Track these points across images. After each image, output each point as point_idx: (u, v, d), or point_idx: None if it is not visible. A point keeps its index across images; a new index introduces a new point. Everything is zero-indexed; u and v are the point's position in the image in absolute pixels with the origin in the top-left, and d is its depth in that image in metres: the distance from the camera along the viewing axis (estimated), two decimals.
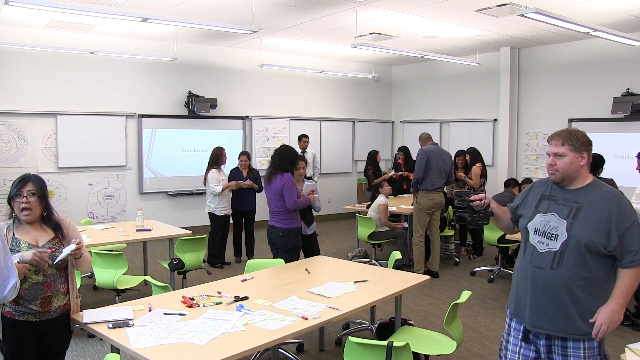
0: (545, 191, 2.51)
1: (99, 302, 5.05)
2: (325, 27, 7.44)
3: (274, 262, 4.28)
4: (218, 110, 9.06)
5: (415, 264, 6.38)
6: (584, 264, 2.30)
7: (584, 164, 2.40)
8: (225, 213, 6.81)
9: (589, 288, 2.32)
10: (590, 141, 2.45)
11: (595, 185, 2.41)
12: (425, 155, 6.16)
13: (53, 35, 7.63)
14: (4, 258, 2.21)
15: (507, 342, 2.57)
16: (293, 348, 4.20)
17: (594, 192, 2.37)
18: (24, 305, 2.63)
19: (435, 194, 6.24)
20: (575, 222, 2.33)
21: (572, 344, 2.36)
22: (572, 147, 2.38)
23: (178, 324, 2.78)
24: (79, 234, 2.87)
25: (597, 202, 2.34)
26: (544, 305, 2.38)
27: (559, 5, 5.97)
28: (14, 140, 7.52)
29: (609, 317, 2.29)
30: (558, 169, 2.40)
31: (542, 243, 2.41)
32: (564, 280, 2.33)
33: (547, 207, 2.45)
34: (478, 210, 2.64)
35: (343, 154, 10.92)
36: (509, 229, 2.75)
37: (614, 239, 2.27)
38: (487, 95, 9.63)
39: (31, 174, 2.73)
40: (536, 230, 2.44)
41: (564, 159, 2.38)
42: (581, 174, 2.40)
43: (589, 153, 2.42)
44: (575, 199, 2.39)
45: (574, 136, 2.40)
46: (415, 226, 6.39)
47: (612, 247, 2.27)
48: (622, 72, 7.84)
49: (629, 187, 5.61)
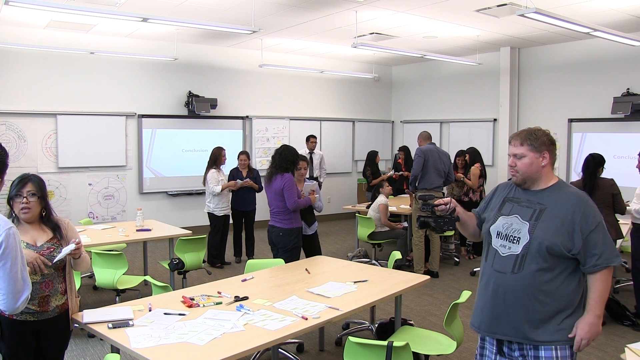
0: (509, 193, 2.42)
1: (99, 302, 5.05)
2: (325, 27, 7.44)
3: (274, 262, 4.28)
4: (218, 110, 9.06)
5: (415, 264, 6.38)
6: (546, 268, 2.21)
7: (546, 164, 2.30)
8: (225, 213, 6.80)
9: (551, 292, 2.23)
10: (553, 140, 2.34)
11: (560, 186, 2.32)
12: (423, 153, 6.19)
13: (53, 35, 7.63)
14: (21, 269, 2.19)
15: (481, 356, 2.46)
16: (293, 348, 4.20)
17: (558, 193, 2.29)
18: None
19: (434, 194, 6.24)
20: (538, 224, 2.24)
21: (544, 352, 2.24)
22: (531, 147, 2.28)
23: (178, 324, 2.78)
24: (78, 235, 2.87)
25: (560, 203, 2.25)
26: (505, 311, 2.28)
27: (559, 5, 5.97)
28: (14, 140, 7.53)
29: (587, 331, 2.20)
30: (518, 170, 2.31)
31: (504, 247, 2.32)
32: (526, 285, 2.24)
33: (510, 209, 2.36)
34: (443, 216, 2.51)
35: (343, 154, 10.92)
36: (475, 235, 2.63)
37: (578, 241, 2.18)
38: (487, 95, 9.63)
39: (30, 174, 2.73)
40: (498, 234, 2.35)
41: (523, 160, 2.29)
42: (543, 174, 2.31)
43: (550, 153, 2.31)
44: (538, 201, 2.30)
45: (534, 136, 2.30)
46: (414, 226, 6.38)
47: (576, 250, 2.18)
48: (622, 72, 7.84)
49: (629, 187, 5.61)
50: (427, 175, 6.20)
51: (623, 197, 4.88)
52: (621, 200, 4.80)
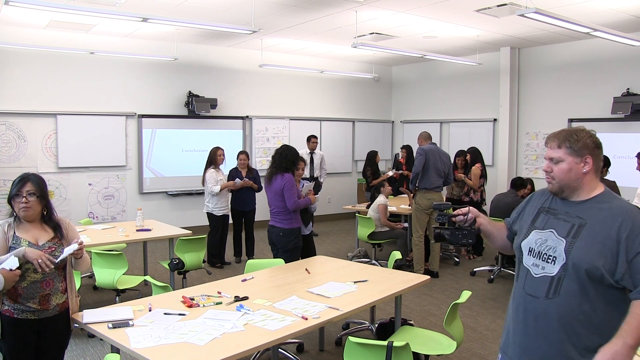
0: (545, 203, 2.08)
1: (99, 302, 5.05)
2: (325, 27, 7.44)
3: (274, 262, 4.28)
4: (218, 110, 9.06)
5: (415, 264, 6.38)
6: (585, 294, 1.86)
7: (588, 170, 1.95)
8: (224, 213, 6.80)
9: (590, 323, 1.87)
10: (598, 143, 1.99)
11: (605, 197, 1.96)
12: (424, 152, 6.20)
13: (53, 35, 7.62)
14: None
15: None
16: (293, 348, 4.20)
17: (601, 206, 1.93)
18: (22, 304, 2.65)
19: (434, 194, 6.26)
20: (576, 242, 1.89)
21: None
22: (570, 150, 1.95)
23: (178, 324, 2.78)
24: (78, 234, 2.90)
25: (604, 218, 1.88)
26: (535, 343, 1.96)
27: (559, 5, 5.97)
28: (14, 140, 7.52)
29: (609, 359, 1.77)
30: (554, 177, 1.99)
31: (537, 266, 1.98)
32: (561, 314, 1.90)
33: (545, 222, 2.02)
34: (461, 227, 2.21)
35: (343, 154, 10.92)
36: (505, 248, 2.29)
37: (622, 264, 1.82)
38: (487, 95, 9.62)
39: (30, 174, 2.76)
40: (530, 250, 2.02)
41: (560, 165, 1.97)
42: (585, 183, 1.96)
43: (594, 157, 1.96)
44: (578, 214, 1.95)
45: (574, 137, 1.96)
46: (414, 226, 6.39)
47: (619, 274, 1.82)
48: (622, 72, 7.84)
49: (629, 187, 5.62)
50: (427, 174, 6.21)
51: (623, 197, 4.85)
52: None
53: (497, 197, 6.68)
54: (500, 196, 6.70)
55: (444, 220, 2.25)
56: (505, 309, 2.23)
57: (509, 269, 6.45)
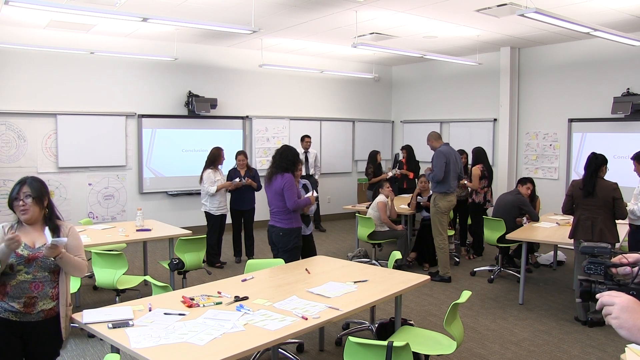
0: None
1: (99, 302, 5.05)
2: (325, 27, 7.43)
3: (274, 262, 4.28)
4: (218, 110, 9.06)
5: (442, 268, 6.20)
6: None
7: None
8: (221, 212, 6.80)
9: None
10: None
11: None
12: (444, 156, 5.97)
13: (53, 35, 7.62)
14: None
15: None
16: (293, 348, 4.20)
17: None
18: (6, 302, 2.62)
19: (452, 196, 6.14)
20: None
21: None
22: None
23: (178, 324, 2.78)
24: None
25: None
26: None
27: (559, 5, 5.97)
28: (14, 140, 7.52)
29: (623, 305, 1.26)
30: None
31: None
32: None
33: None
34: (624, 284, 1.49)
35: (343, 154, 10.91)
36: None
37: None
38: (487, 95, 9.62)
39: (29, 177, 2.78)
40: None
41: None
42: None
43: None
44: None
45: None
46: (437, 230, 6.16)
47: None
48: (622, 72, 7.83)
49: (629, 187, 5.62)
50: (447, 178, 5.97)
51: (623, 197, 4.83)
52: (622, 206, 4.68)
53: (500, 197, 6.67)
54: (503, 195, 6.71)
55: (598, 273, 1.59)
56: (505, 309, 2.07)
57: (509, 269, 6.45)
